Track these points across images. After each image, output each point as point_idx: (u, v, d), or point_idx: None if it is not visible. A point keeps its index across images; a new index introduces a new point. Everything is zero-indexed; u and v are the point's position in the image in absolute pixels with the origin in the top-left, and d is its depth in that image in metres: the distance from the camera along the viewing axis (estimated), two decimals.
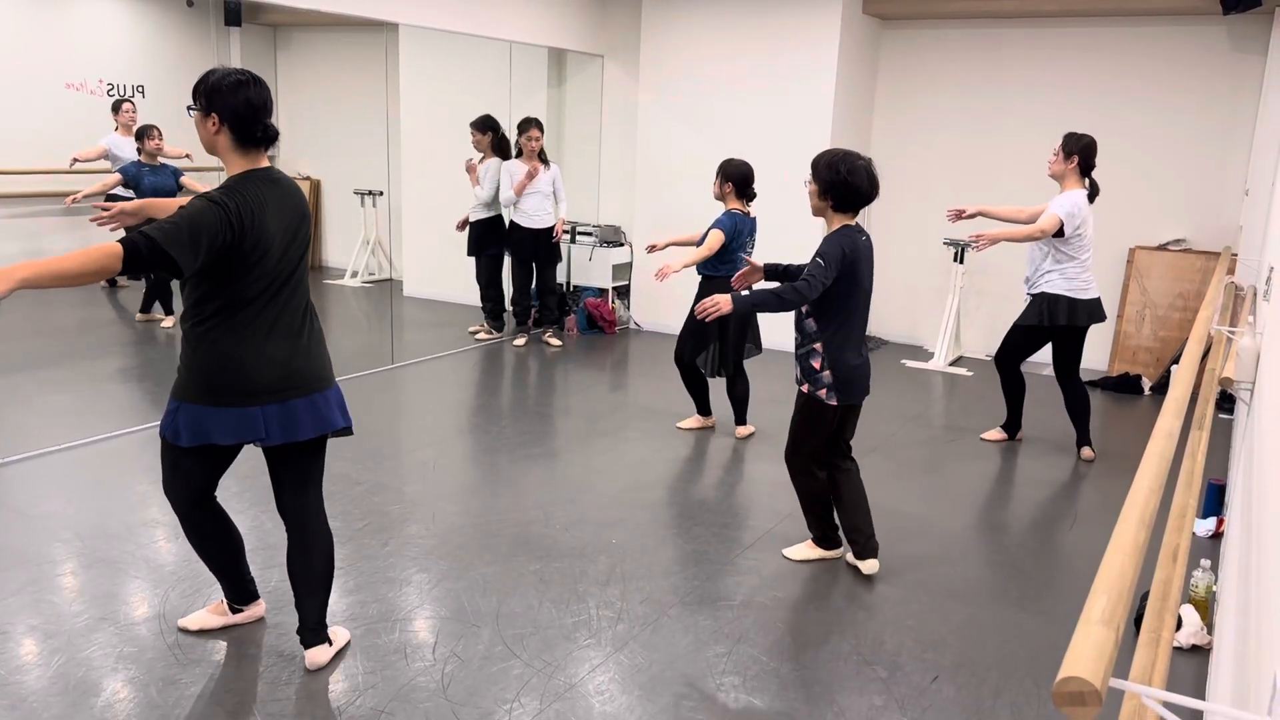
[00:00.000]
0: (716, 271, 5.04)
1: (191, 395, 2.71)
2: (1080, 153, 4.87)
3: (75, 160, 6.47)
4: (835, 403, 3.60)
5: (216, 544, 3.01)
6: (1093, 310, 4.99)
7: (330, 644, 2.99)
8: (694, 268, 5.03)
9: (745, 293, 3.56)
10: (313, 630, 2.96)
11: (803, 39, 7.09)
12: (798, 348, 3.68)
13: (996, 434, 5.49)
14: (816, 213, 3.59)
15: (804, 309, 3.60)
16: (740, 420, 5.40)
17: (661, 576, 3.65)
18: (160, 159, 6.57)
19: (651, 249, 5.36)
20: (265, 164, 2.74)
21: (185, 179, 6.61)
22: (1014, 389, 5.35)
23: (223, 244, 2.52)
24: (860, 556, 3.75)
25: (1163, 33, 6.69)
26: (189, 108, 2.68)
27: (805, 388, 3.65)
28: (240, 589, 3.13)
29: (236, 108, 2.62)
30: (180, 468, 2.85)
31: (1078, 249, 4.88)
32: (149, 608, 3.26)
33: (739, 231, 4.99)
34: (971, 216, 5.17)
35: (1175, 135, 6.75)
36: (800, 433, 3.71)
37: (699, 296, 5.10)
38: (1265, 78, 6.29)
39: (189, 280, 2.65)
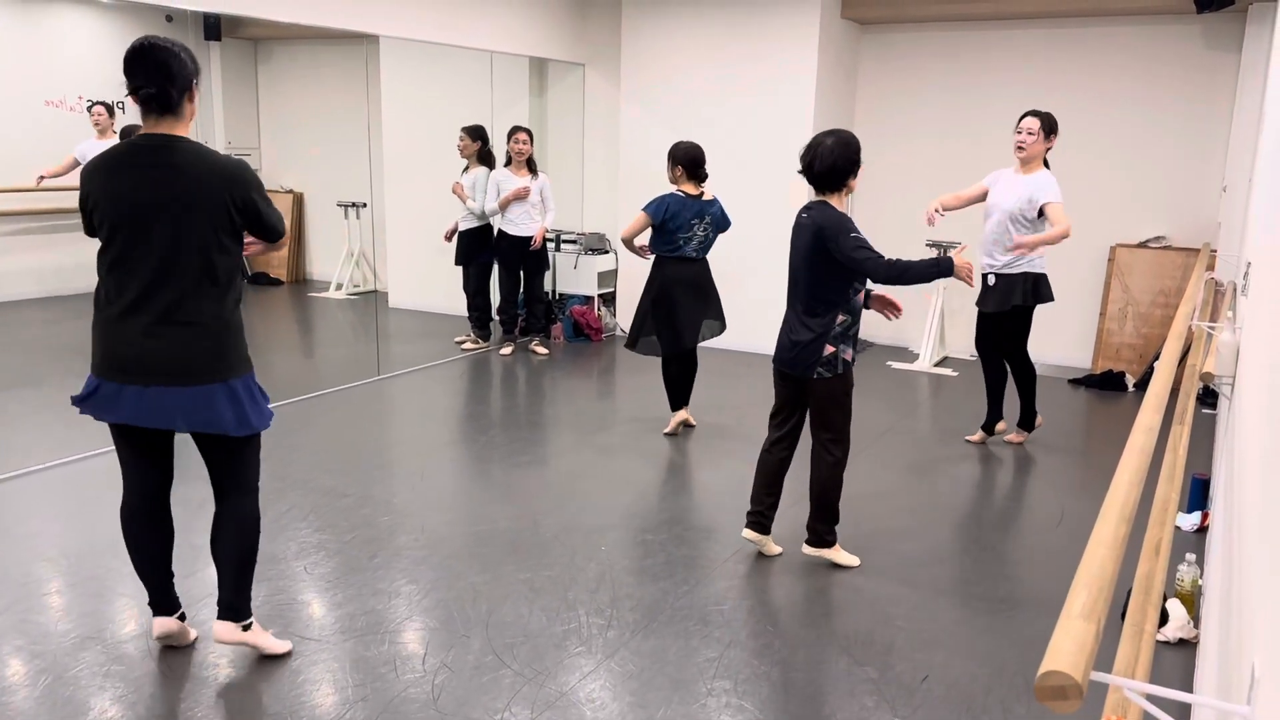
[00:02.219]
0: (659, 250, 5.21)
1: (92, 365, 2.83)
2: (1055, 132, 4.90)
3: (42, 178, 6.43)
4: (851, 358, 3.67)
5: (152, 549, 3.03)
6: (1048, 285, 5.04)
7: (241, 628, 2.99)
8: (648, 247, 5.25)
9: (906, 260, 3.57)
10: (223, 607, 3.00)
11: (782, 43, 7.12)
12: (806, 336, 3.63)
13: (1018, 435, 5.41)
14: (823, 191, 3.64)
15: (856, 285, 3.65)
16: (681, 403, 5.48)
17: (651, 583, 3.65)
18: None
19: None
20: (158, 130, 2.70)
21: None
22: (1027, 379, 5.22)
23: (80, 200, 2.73)
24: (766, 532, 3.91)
25: (1138, 32, 6.75)
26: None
27: (826, 370, 3.63)
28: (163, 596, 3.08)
29: (129, 74, 2.69)
30: (120, 452, 2.96)
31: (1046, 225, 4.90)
32: (136, 625, 3.24)
33: (674, 213, 5.07)
34: (940, 213, 5.15)
35: (1153, 133, 6.81)
36: (843, 419, 3.73)
37: (651, 276, 5.28)
38: (1240, 75, 6.35)
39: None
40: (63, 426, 5.31)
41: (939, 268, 3.55)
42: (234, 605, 2.99)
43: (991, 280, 5.05)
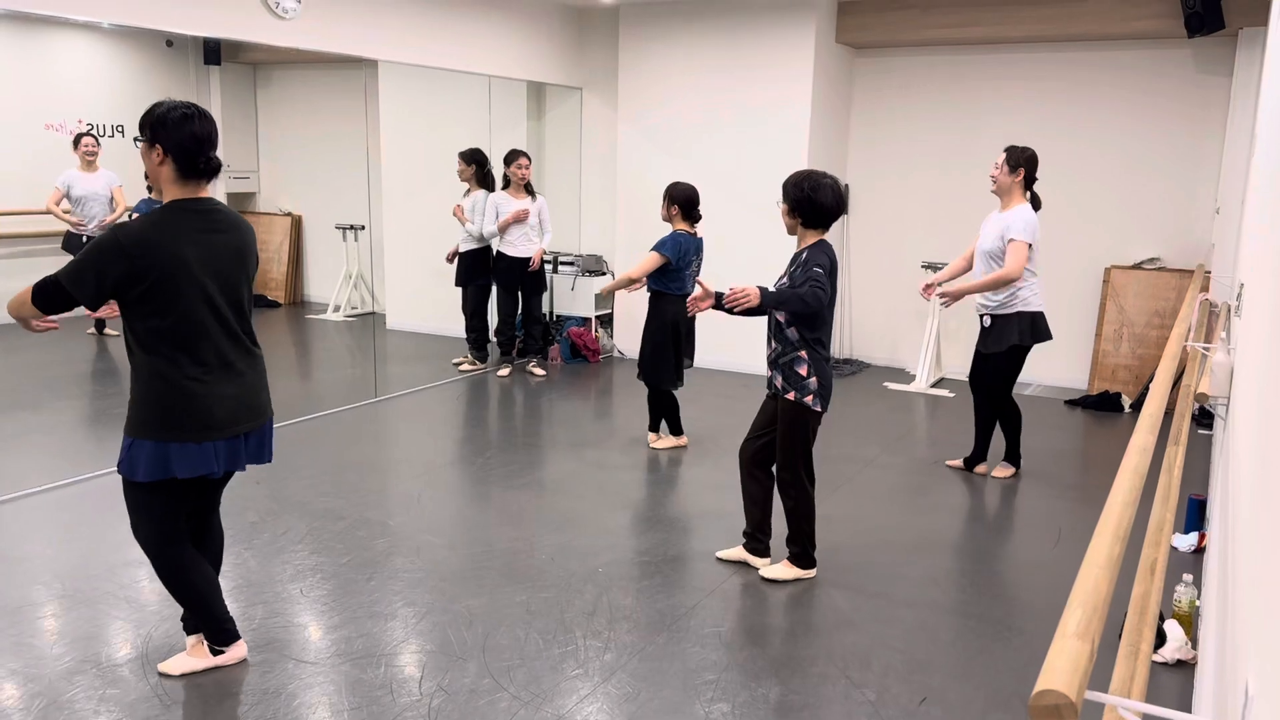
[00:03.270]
0: (666, 289, 5.26)
1: (148, 431, 2.74)
2: (1025, 165, 4.86)
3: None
4: (820, 409, 3.68)
5: (189, 582, 3.00)
6: (1046, 324, 5.01)
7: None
8: (645, 286, 5.27)
9: (771, 288, 3.63)
10: (233, 622, 3.14)
11: (777, 68, 7.18)
12: (778, 357, 3.75)
13: (1004, 469, 5.33)
14: (790, 230, 3.77)
15: (783, 318, 3.69)
16: (673, 430, 5.64)
17: (648, 604, 3.64)
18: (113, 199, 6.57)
19: (604, 292, 5.72)
20: (205, 194, 2.77)
21: None
22: (1011, 419, 5.19)
23: (120, 275, 2.60)
24: (762, 554, 3.99)
25: (1130, 57, 6.81)
26: (135, 138, 2.74)
27: (792, 395, 3.70)
28: (217, 630, 3.10)
29: (181, 140, 2.68)
30: (142, 505, 2.88)
31: (1035, 263, 4.91)
32: (131, 649, 3.23)
33: (684, 251, 5.20)
34: (957, 296, 5.16)
35: (1146, 156, 6.86)
36: (793, 444, 3.76)
37: (650, 314, 5.34)
38: (1231, 98, 6.41)
39: (123, 313, 2.73)
40: (58, 449, 5.30)
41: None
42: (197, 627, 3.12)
43: (987, 321, 4.99)
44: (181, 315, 2.71)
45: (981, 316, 5.04)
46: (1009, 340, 4.93)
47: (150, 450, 2.76)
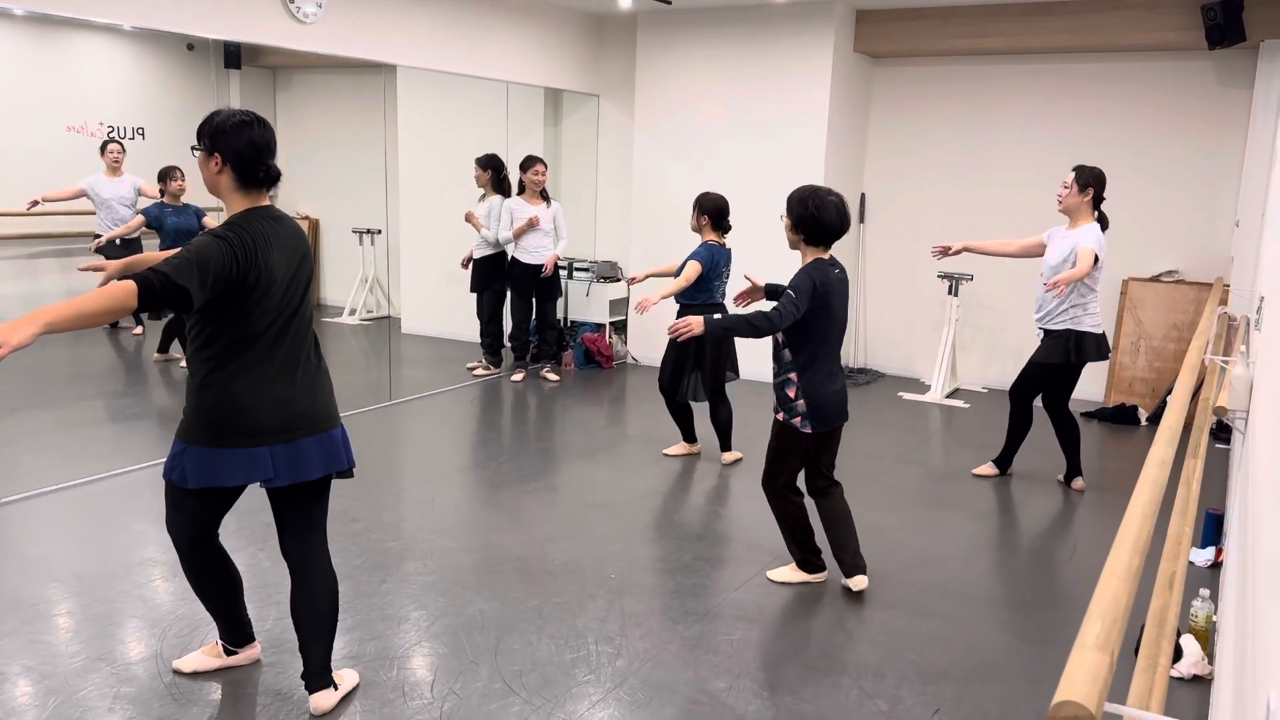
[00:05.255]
0: (694, 300, 5.19)
1: (197, 437, 2.70)
2: (1094, 184, 4.86)
3: (35, 203, 6.40)
4: (810, 431, 3.67)
5: (215, 584, 3.00)
6: (1103, 344, 4.98)
7: (335, 688, 2.96)
8: (673, 298, 5.17)
9: (717, 316, 3.65)
10: (317, 675, 2.91)
11: (795, 76, 7.18)
12: (775, 377, 3.78)
13: (988, 469, 5.46)
14: (792, 245, 3.74)
15: (779, 338, 3.70)
16: (725, 446, 5.48)
17: (660, 611, 3.64)
18: (143, 196, 6.62)
19: (632, 281, 5.62)
20: (266, 203, 2.77)
21: (207, 219, 6.65)
22: (1021, 424, 5.25)
23: (228, 277, 2.54)
24: (847, 574, 3.82)
25: (1150, 68, 6.78)
26: (193, 148, 2.72)
27: (780, 416, 3.73)
28: (237, 631, 3.11)
29: (240, 149, 2.65)
30: (184, 507, 2.84)
31: (1096, 282, 4.88)
32: (146, 648, 3.25)
33: (716, 262, 5.16)
34: (957, 253, 5.22)
35: (1166, 168, 6.83)
36: (776, 459, 3.79)
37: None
38: (1252, 110, 6.38)
39: (196, 320, 2.66)
40: (75, 448, 5.34)
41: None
42: (325, 670, 2.93)
43: (1039, 334, 5.07)
44: (262, 320, 2.67)
45: (1039, 330, 5.08)
46: (1055, 358, 4.95)
47: (197, 455, 2.72)
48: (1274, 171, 4.32)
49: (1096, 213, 4.92)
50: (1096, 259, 4.75)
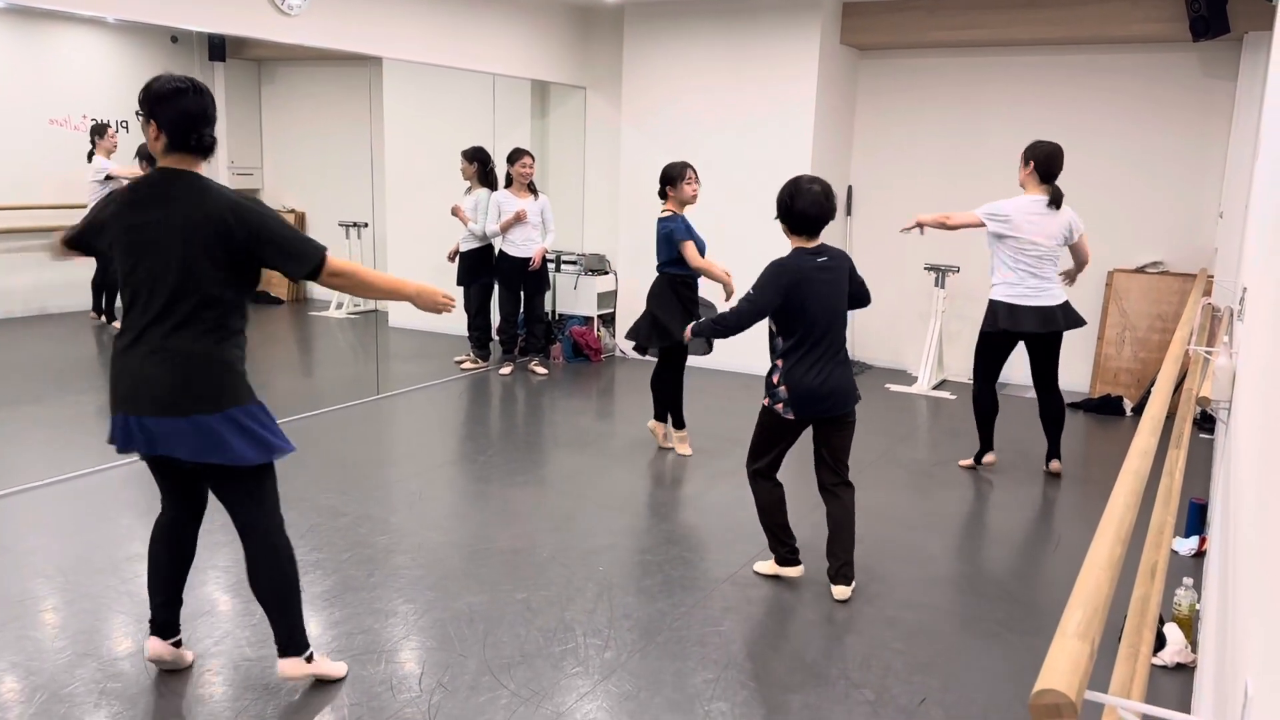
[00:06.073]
0: (682, 269, 5.24)
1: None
2: (1034, 158, 4.96)
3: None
4: (791, 416, 3.67)
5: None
6: (1048, 316, 5.01)
7: (309, 661, 2.97)
8: (658, 268, 5.26)
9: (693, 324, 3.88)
10: (280, 645, 2.96)
11: (781, 69, 7.18)
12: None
13: (971, 461, 5.47)
14: (786, 233, 3.75)
15: (771, 325, 3.73)
16: (661, 418, 5.55)
17: (649, 603, 3.65)
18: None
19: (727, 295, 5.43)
20: (195, 169, 2.74)
21: None
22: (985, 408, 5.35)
23: (82, 233, 2.82)
24: (832, 580, 3.78)
25: (1135, 60, 6.81)
26: (136, 113, 2.76)
27: (766, 400, 3.76)
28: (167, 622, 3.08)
29: (173, 116, 2.67)
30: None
31: (1014, 253, 4.96)
32: (132, 643, 3.24)
33: (692, 229, 5.23)
34: (925, 226, 5.22)
35: (1150, 160, 6.86)
36: (756, 442, 3.83)
37: (659, 291, 5.28)
38: (1236, 102, 6.41)
39: None
40: (62, 443, 5.31)
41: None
42: (291, 641, 2.95)
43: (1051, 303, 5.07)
44: (123, 278, 2.74)
45: (1046, 307, 5.04)
46: (1058, 325, 5.07)
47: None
48: (1257, 163, 4.35)
49: (1045, 187, 4.99)
50: (982, 223, 4.98)
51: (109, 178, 6.67)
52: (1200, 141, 6.70)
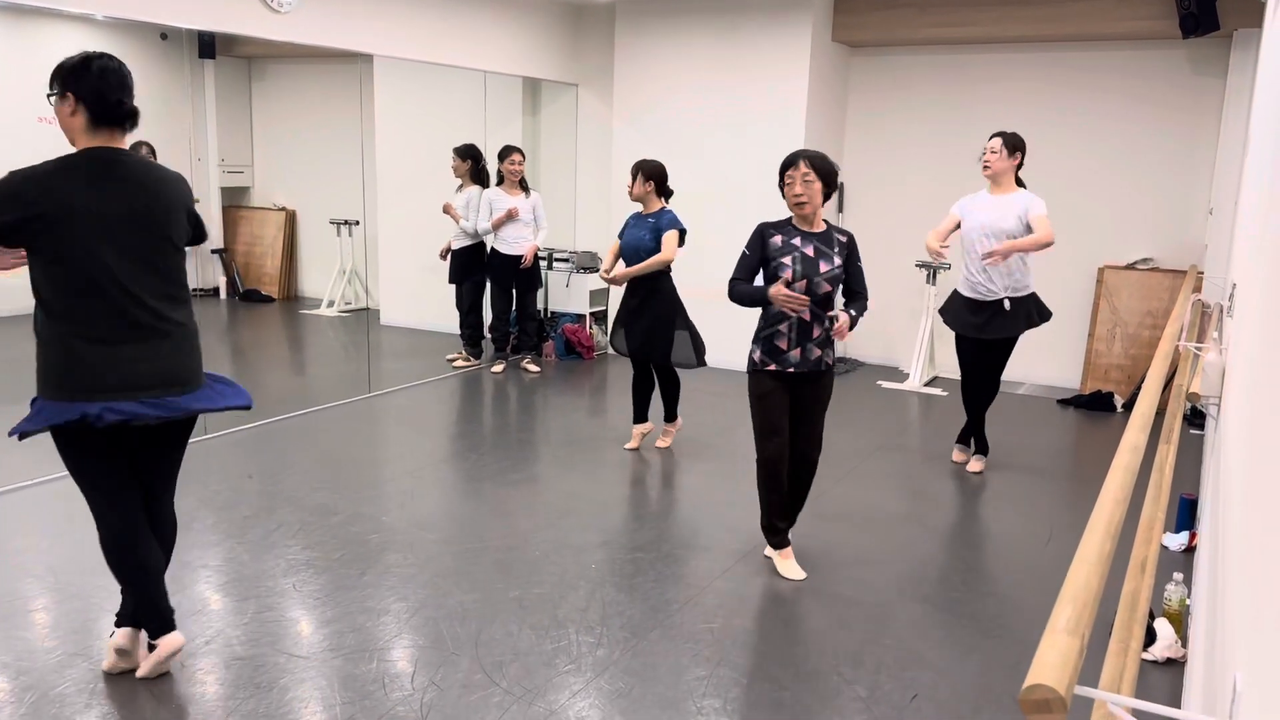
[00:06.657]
0: (667, 269, 5.27)
1: (41, 389, 2.79)
2: (1022, 150, 4.90)
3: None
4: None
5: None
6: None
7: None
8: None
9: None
10: (164, 619, 3.00)
11: (773, 66, 7.18)
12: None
13: (963, 455, 5.49)
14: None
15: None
16: (639, 418, 5.56)
17: (641, 601, 3.65)
18: None
19: (613, 282, 5.40)
20: (119, 145, 2.70)
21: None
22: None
23: (12, 218, 2.55)
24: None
25: (1125, 57, 6.83)
26: (48, 95, 2.67)
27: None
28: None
29: (95, 84, 2.62)
30: (72, 472, 3.04)
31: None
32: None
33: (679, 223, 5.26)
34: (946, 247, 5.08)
35: (1140, 157, 6.88)
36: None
37: (654, 296, 5.25)
38: (1225, 98, 6.43)
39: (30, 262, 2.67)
40: (50, 443, 5.28)
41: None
42: (171, 613, 3.01)
43: (1007, 305, 4.92)
44: (73, 267, 2.60)
45: (1002, 300, 4.93)
46: (1025, 324, 4.95)
47: (40, 408, 2.76)
48: (1247, 160, 4.36)
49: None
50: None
51: None
52: (1190, 138, 6.72)
